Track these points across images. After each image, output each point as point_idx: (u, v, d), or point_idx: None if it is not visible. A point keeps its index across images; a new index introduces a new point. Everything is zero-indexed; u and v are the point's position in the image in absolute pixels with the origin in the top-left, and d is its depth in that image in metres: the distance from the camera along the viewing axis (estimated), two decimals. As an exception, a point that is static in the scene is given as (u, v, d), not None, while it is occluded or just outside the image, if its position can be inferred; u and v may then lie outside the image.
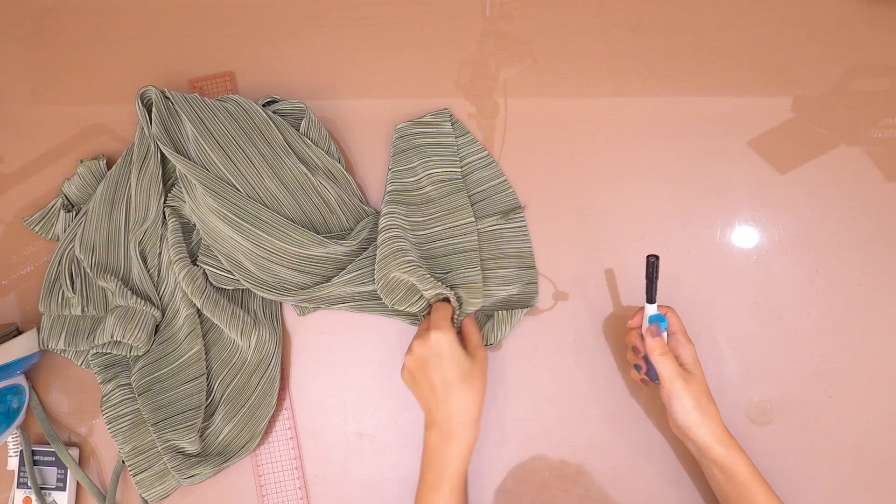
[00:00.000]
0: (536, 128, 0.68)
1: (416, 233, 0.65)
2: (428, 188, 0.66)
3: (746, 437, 0.62)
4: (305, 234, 0.63)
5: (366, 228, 0.66)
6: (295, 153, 0.66)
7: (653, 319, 0.58)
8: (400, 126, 0.67)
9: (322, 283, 0.64)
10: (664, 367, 0.56)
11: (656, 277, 0.57)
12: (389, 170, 0.67)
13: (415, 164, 0.66)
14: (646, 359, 0.58)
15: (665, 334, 0.58)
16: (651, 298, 0.58)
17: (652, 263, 0.57)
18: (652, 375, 0.59)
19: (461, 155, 0.67)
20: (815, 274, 0.65)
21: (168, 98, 0.64)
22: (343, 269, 0.64)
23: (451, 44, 0.69)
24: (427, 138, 0.67)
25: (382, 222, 0.64)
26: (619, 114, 0.68)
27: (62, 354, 0.67)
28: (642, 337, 0.58)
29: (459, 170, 0.66)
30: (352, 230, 0.66)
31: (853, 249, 0.65)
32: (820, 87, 0.67)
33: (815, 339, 0.64)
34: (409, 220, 0.65)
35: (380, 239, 0.63)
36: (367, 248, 0.65)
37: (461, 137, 0.67)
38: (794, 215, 0.65)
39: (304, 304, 0.66)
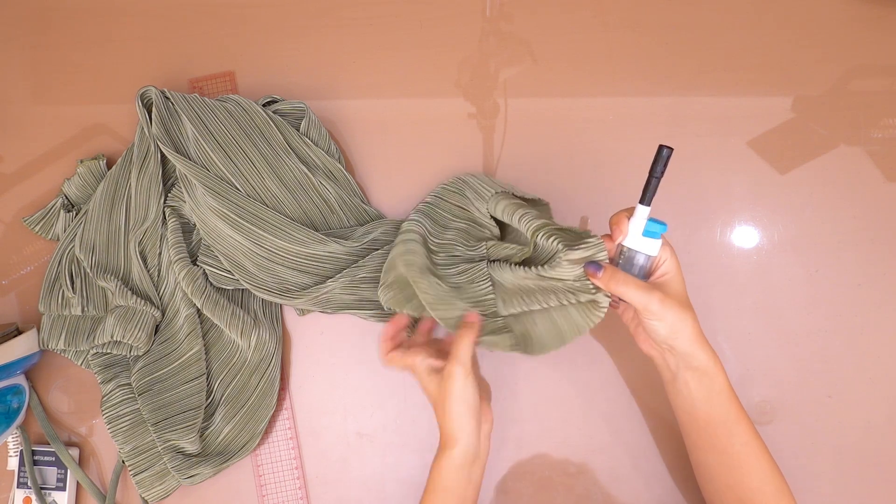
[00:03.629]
0: (536, 128, 0.68)
1: (437, 243, 0.63)
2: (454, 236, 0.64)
3: (746, 437, 0.62)
4: (306, 233, 0.63)
5: (373, 231, 0.65)
6: (295, 153, 0.66)
7: (651, 225, 0.51)
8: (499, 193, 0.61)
9: (319, 282, 0.64)
10: (630, 296, 0.50)
11: (661, 175, 0.50)
12: (439, 186, 0.65)
13: (461, 206, 0.63)
14: (624, 268, 0.53)
15: (660, 243, 0.51)
16: (648, 198, 0.50)
17: (665, 156, 0.49)
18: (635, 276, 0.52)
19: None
20: (815, 274, 0.65)
21: (168, 98, 0.64)
22: (340, 267, 0.64)
23: (451, 44, 0.69)
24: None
25: (405, 226, 0.63)
26: (619, 114, 0.68)
27: (62, 354, 0.67)
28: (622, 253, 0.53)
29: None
30: (353, 228, 0.66)
31: (853, 249, 0.65)
32: (820, 87, 0.67)
33: (815, 339, 0.64)
34: (431, 232, 0.63)
35: (397, 240, 0.62)
36: (376, 252, 0.65)
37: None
38: (794, 215, 0.65)
39: (306, 308, 0.66)
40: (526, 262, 0.58)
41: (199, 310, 0.65)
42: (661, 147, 0.49)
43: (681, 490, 0.63)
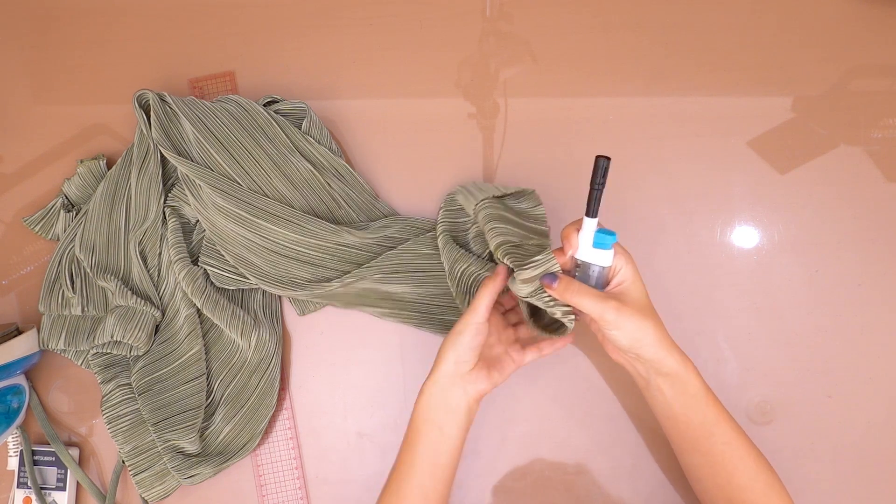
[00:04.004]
0: (536, 128, 0.68)
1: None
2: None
3: (746, 437, 0.62)
4: (318, 223, 0.63)
5: (389, 227, 0.65)
6: (300, 152, 0.66)
7: (599, 237, 0.50)
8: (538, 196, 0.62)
9: (332, 276, 0.64)
10: (585, 306, 0.50)
11: (603, 186, 0.49)
12: (442, 210, 0.65)
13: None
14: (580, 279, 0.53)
15: (612, 252, 0.51)
16: (594, 210, 0.50)
17: (602, 166, 0.48)
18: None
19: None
20: (815, 274, 0.65)
21: (165, 101, 0.64)
22: (354, 261, 0.64)
23: (451, 44, 0.69)
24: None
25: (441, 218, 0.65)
26: (619, 114, 0.68)
27: (62, 354, 0.67)
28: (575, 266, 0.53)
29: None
30: (362, 223, 0.66)
31: (853, 249, 0.65)
32: (820, 87, 0.67)
33: (815, 339, 0.64)
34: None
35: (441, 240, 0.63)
36: (390, 251, 0.65)
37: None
38: (794, 215, 0.65)
39: (317, 300, 0.65)
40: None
41: (199, 310, 0.65)
42: (597, 158, 0.49)
43: (680, 491, 0.63)
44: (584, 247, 0.51)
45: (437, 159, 0.68)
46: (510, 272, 0.55)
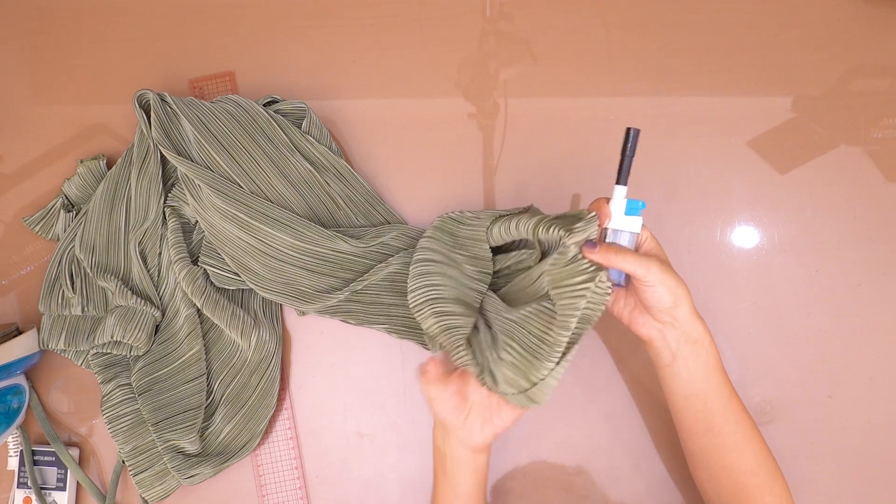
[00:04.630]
0: (536, 128, 0.68)
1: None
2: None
3: (746, 437, 0.62)
4: (315, 229, 0.63)
5: (383, 235, 0.64)
6: (300, 152, 0.66)
7: (630, 204, 0.52)
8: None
9: (332, 285, 0.64)
10: (628, 265, 0.50)
11: (633, 155, 0.51)
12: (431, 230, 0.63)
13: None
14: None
15: (641, 219, 0.52)
16: (624, 178, 0.52)
17: (633, 136, 0.50)
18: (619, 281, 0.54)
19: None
20: (815, 274, 0.65)
21: (165, 101, 0.64)
22: (352, 269, 0.64)
23: (451, 44, 0.69)
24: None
25: (421, 244, 0.62)
26: (619, 114, 0.68)
27: (62, 354, 0.67)
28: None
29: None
30: (360, 227, 0.66)
31: (853, 249, 0.65)
32: (820, 87, 0.67)
33: (815, 339, 0.64)
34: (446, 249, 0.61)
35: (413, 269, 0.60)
36: (390, 256, 0.64)
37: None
38: (794, 215, 0.65)
39: (322, 314, 0.65)
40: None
41: (199, 310, 0.65)
42: (628, 129, 0.51)
43: (681, 490, 0.63)
44: (616, 214, 0.52)
45: (437, 159, 0.68)
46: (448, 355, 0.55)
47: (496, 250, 0.61)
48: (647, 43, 0.68)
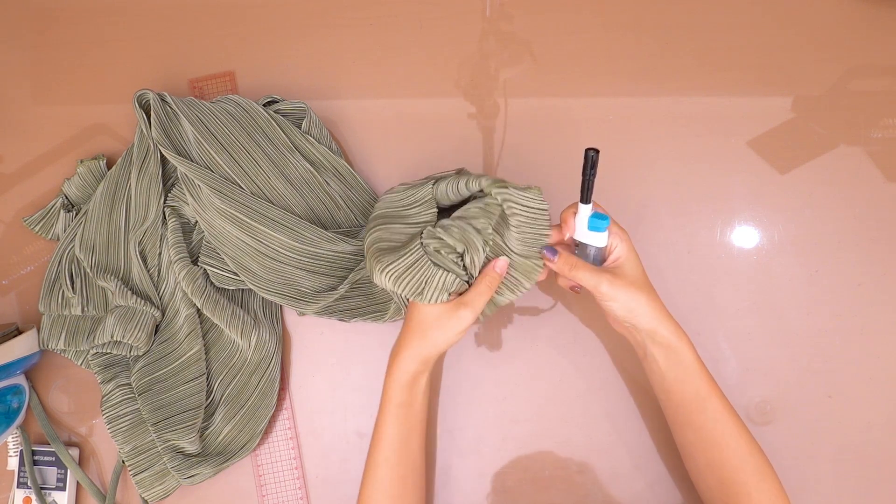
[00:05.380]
0: (536, 128, 0.68)
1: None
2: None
3: (746, 437, 0.62)
4: (315, 231, 0.63)
5: None
6: (300, 152, 0.66)
7: (594, 221, 0.54)
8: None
9: (332, 284, 0.64)
10: (582, 279, 0.54)
11: (594, 175, 0.53)
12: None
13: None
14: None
15: (607, 234, 0.54)
16: (587, 197, 0.53)
17: (591, 157, 0.51)
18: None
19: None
20: (815, 274, 0.65)
21: (165, 101, 0.64)
22: (350, 268, 0.64)
23: (451, 44, 0.69)
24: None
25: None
26: (619, 114, 0.68)
27: (62, 354, 0.67)
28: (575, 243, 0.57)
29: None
30: (361, 227, 0.66)
31: (853, 249, 0.65)
32: (820, 87, 0.67)
33: (815, 339, 0.64)
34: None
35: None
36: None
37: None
38: (794, 215, 0.65)
39: (318, 314, 0.65)
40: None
41: (199, 310, 0.65)
42: (587, 151, 0.52)
43: (681, 490, 0.63)
44: (581, 229, 0.55)
45: (438, 159, 0.68)
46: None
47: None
48: (647, 43, 0.68)
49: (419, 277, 0.55)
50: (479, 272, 0.57)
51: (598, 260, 0.56)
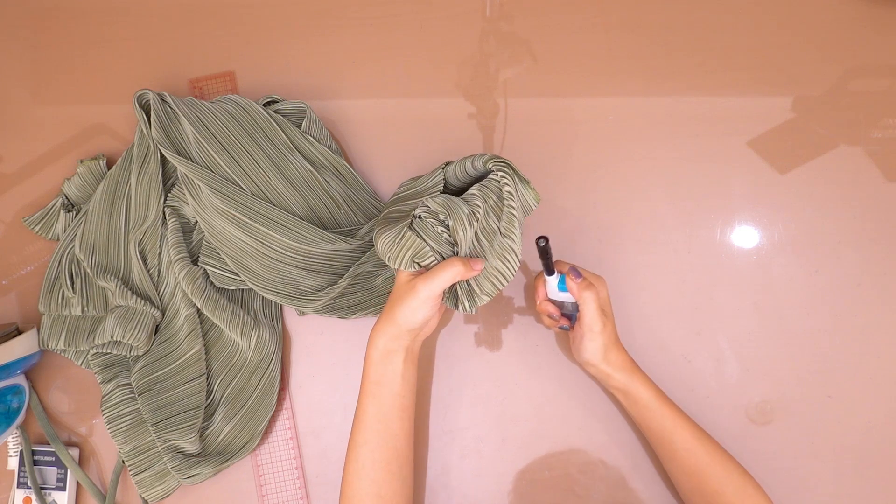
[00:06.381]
0: (536, 128, 0.68)
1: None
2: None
3: (746, 438, 0.62)
4: (315, 231, 0.63)
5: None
6: (299, 151, 0.66)
7: (562, 282, 0.58)
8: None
9: (332, 283, 0.64)
10: (588, 307, 0.57)
11: (550, 256, 0.56)
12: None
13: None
14: (563, 314, 0.60)
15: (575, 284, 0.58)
16: (550, 271, 0.58)
17: (542, 248, 0.55)
18: (566, 326, 0.61)
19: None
20: (815, 274, 0.65)
21: (165, 101, 0.64)
22: (350, 266, 0.65)
23: (451, 44, 0.69)
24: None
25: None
26: (619, 114, 0.68)
27: (62, 354, 0.67)
28: (552, 302, 0.60)
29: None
30: (361, 226, 0.66)
31: (853, 249, 0.65)
32: (820, 87, 0.67)
33: (815, 339, 0.64)
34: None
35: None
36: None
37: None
38: (794, 215, 0.65)
39: (318, 313, 0.65)
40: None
41: (199, 310, 0.65)
42: (537, 241, 0.54)
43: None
44: (552, 291, 0.60)
45: (438, 159, 0.68)
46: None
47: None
48: (647, 43, 0.68)
49: (396, 241, 0.55)
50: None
51: (575, 311, 0.60)
